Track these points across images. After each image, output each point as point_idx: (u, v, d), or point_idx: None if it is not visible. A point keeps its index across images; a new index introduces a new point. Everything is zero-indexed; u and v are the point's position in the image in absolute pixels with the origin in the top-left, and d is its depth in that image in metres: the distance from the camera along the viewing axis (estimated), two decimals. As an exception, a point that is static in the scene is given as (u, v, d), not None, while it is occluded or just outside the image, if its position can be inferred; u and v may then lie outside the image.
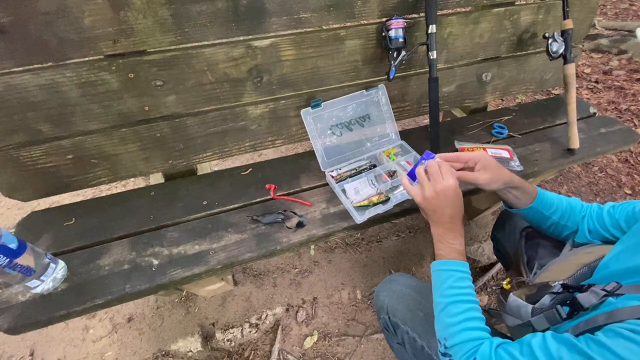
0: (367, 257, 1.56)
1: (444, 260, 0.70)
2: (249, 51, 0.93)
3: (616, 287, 0.52)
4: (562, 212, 0.80)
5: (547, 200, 0.80)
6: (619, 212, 0.73)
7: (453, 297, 0.65)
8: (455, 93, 1.31)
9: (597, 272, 0.63)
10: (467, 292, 0.66)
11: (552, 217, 0.80)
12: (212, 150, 1.08)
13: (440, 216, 0.72)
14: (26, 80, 0.80)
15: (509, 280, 0.77)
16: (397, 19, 0.97)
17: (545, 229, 0.84)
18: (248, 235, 0.91)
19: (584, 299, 0.54)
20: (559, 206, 0.80)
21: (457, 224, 0.72)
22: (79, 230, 0.93)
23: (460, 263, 0.69)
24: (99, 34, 0.79)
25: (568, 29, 1.09)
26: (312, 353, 1.28)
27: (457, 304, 0.64)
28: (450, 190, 0.70)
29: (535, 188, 0.80)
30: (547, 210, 0.80)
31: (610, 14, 3.53)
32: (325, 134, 1.08)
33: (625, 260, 0.58)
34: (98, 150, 0.96)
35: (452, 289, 0.66)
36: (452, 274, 0.68)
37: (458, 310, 0.64)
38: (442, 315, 0.66)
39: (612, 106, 2.37)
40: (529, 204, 0.79)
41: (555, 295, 0.62)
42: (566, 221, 0.80)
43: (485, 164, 0.76)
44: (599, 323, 0.51)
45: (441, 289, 0.68)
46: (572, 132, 1.15)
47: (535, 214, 0.81)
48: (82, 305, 0.78)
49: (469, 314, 0.63)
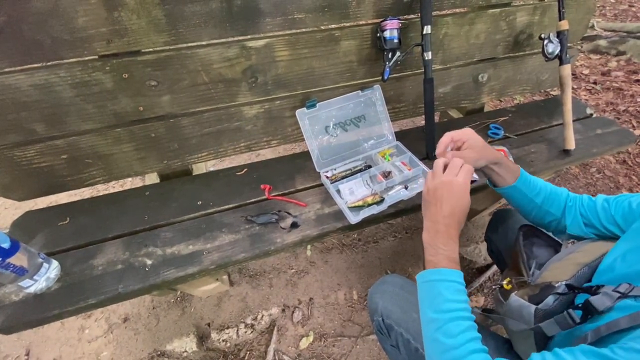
0: (364, 257, 1.56)
1: (436, 269, 0.63)
2: (244, 51, 0.93)
3: (629, 289, 0.51)
4: (545, 197, 0.79)
5: (530, 182, 0.80)
6: (614, 207, 0.72)
7: (452, 314, 0.58)
8: (452, 94, 1.31)
9: (602, 274, 0.61)
10: (465, 306, 0.59)
11: (534, 199, 0.80)
12: (207, 151, 1.08)
13: (436, 212, 0.67)
14: (20, 80, 0.80)
15: (509, 280, 0.76)
16: (392, 20, 0.97)
17: (528, 212, 0.83)
18: (242, 236, 0.91)
19: (598, 301, 0.52)
20: (542, 190, 0.80)
21: (452, 227, 0.65)
22: (73, 230, 0.93)
23: (455, 272, 0.62)
24: (93, 34, 0.79)
25: (564, 30, 1.09)
26: (308, 354, 1.27)
27: (458, 321, 0.57)
28: (456, 186, 0.66)
29: (518, 167, 0.80)
30: (530, 192, 0.79)
31: (609, 15, 3.53)
32: (320, 134, 1.08)
33: (633, 261, 0.57)
34: (93, 150, 0.96)
35: (449, 303, 0.58)
36: (447, 285, 0.60)
37: (459, 329, 0.56)
38: (438, 335, 0.57)
39: (611, 107, 2.37)
40: (512, 182, 0.79)
41: (559, 296, 0.60)
42: (549, 207, 0.79)
43: (472, 143, 0.76)
44: (622, 326, 0.48)
45: (435, 302, 0.60)
46: (567, 133, 1.15)
47: (518, 194, 0.81)
48: (75, 305, 0.78)
49: (471, 334, 0.56)
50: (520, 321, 0.66)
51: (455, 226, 0.66)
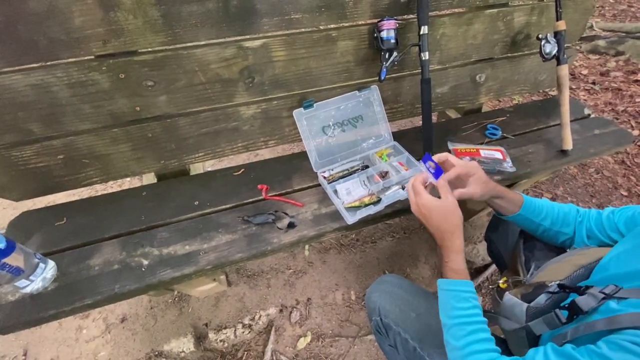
0: (362, 258, 1.56)
1: (444, 280, 0.69)
2: (241, 52, 0.93)
3: (615, 290, 0.51)
4: (554, 219, 0.80)
5: (535, 208, 0.80)
6: (618, 216, 0.72)
7: (456, 319, 0.64)
8: (449, 94, 1.31)
9: (596, 274, 0.62)
10: (470, 313, 0.64)
11: (542, 223, 0.80)
12: (204, 151, 1.08)
13: (432, 229, 0.73)
14: (17, 80, 0.80)
15: (506, 279, 0.77)
16: (389, 20, 0.97)
17: (538, 235, 0.85)
18: (239, 236, 0.91)
19: (583, 302, 0.53)
20: (549, 213, 0.80)
21: (449, 241, 0.70)
22: (70, 230, 0.93)
23: (458, 282, 0.67)
24: (89, 35, 0.79)
25: (561, 30, 1.09)
26: (306, 354, 1.27)
27: (461, 326, 0.63)
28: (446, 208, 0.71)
29: (520, 197, 0.81)
30: (536, 217, 0.80)
31: (608, 16, 3.53)
32: (318, 134, 1.08)
33: (626, 262, 0.57)
34: (89, 150, 0.96)
35: (454, 310, 0.65)
36: (453, 294, 0.66)
37: (462, 333, 0.62)
38: (448, 337, 0.65)
39: (609, 107, 2.37)
40: (516, 212, 0.81)
41: (551, 294, 0.61)
42: (559, 227, 0.80)
43: (477, 177, 0.77)
44: (598, 329, 0.50)
45: (445, 309, 0.67)
46: (565, 133, 1.15)
47: (524, 221, 0.82)
48: (72, 305, 0.78)
49: (475, 337, 0.61)
50: (513, 319, 0.67)
51: (452, 238, 0.70)
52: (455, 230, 0.70)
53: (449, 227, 0.71)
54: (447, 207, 0.71)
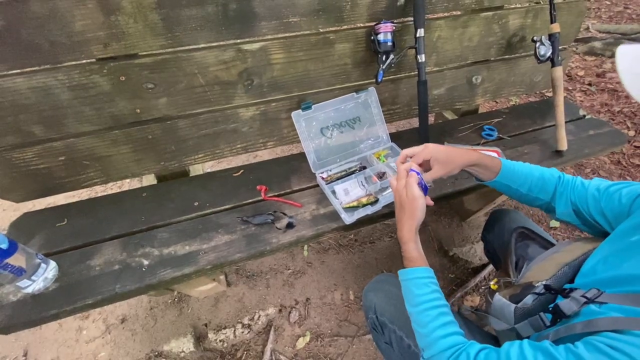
0: (360, 258, 1.57)
1: (402, 270, 0.73)
2: (239, 54, 0.95)
3: (596, 295, 0.52)
4: (531, 186, 0.81)
5: (512, 174, 0.81)
6: (605, 199, 0.71)
7: (418, 307, 0.66)
8: (446, 96, 1.32)
9: (584, 276, 0.63)
10: (430, 297, 0.66)
11: (519, 189, 0.81)
12: (203, 152, 1.09)
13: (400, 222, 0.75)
14: (19, 83, 0.81)
15: (497, 280, 0.79)
16: (386, 23, 0.98)
17: (516, 198, 0.86)
18: (238, 236, 0.92)
19: (566, 306, 0.54)
20: (527, 179, 0.81)
21: (400, 231, 0.74)
22: (71, 230, 0.94)
23: (414, 270, 0.70)
24: (90, 38, 0.80)
25: (555, 32, 1.11)
26: (305, 354, 1.28)
27: (424, 312, 0.65)
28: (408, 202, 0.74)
29: (499, 162, 0.82)
30: (514, 183, 0.81)
31: (604, 17, 3.55)
32: (316, 136, 1.10)
33: (611, 266, 0.58)
34: (90, 152, 0.97)
35: (415, 298, 0.67)
36: (412, 282, 0.69)
37: (427, 319, 0.64)
38: (414, 325, 0.67)
39: (605, 108, 2.39)
40: (493, 178, 0.82)
41: (537, 295, 0.63)
42: (537, 193, 0.81)
43: (436, 157, 0.79)
44: (576, 331, 0.51)
45: (408, 298, 0.69)
46: (560, 134, 1.17)
47: (502, 187, 0.84)
48: (73, 305, 0.79)
49: (439, 321, 0.63)
50: (503, 320, 0.68)
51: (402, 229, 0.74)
52: (401, 220, 0.74)
53: (398, 218, 0.75)
54: (402, 199, 0.74)
